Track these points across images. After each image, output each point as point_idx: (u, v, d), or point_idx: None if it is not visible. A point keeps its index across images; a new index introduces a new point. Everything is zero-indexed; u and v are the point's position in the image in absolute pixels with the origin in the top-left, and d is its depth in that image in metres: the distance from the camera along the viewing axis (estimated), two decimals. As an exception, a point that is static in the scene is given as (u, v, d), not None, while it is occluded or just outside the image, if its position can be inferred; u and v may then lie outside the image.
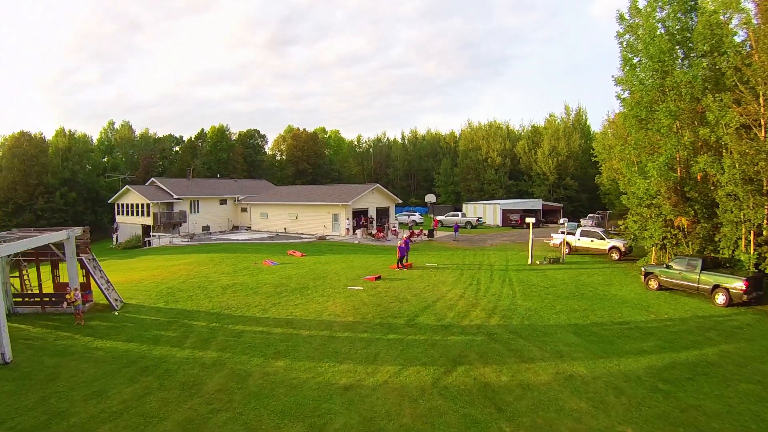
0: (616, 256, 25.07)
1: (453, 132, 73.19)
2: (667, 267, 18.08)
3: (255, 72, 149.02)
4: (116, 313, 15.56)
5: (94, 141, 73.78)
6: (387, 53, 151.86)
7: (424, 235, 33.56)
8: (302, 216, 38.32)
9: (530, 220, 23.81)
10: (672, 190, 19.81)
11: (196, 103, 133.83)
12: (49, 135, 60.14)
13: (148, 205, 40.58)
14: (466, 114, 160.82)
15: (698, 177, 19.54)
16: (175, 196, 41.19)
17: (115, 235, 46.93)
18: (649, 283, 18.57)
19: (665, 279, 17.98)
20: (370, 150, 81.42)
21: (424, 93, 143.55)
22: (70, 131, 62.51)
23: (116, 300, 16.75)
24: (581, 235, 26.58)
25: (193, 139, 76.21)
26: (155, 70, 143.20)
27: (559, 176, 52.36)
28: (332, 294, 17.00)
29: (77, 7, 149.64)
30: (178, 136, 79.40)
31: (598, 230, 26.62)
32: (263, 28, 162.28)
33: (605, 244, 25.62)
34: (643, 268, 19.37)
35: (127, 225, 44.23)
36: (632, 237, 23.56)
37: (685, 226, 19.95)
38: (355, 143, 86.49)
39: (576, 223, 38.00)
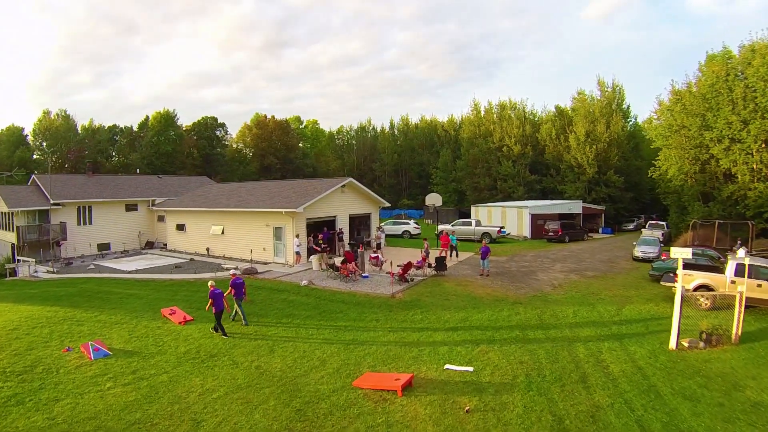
0: (813, 314, 12.30)
1: (452, 117, 59.40)
2: None
3: (249, 74, 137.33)
4: None
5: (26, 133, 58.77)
6: (381, 56, 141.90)
7: (430, 266, 19.11)
8: (231, 229, 24.12)
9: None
10: None
11: (189, 105, 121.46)
12: None
13: (11, 214, 26.89)
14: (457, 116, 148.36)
15: None
16: (51, 201, 27.36)
17: (-8, 255, 33.39)
18: None
19: None
20: (353, 142, 67.79)
21: (416, 95, 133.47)
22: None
23: None
24: (738, 272, 13.50)
25: (135, 129, 61.99)
26: (152, 72, 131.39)
27: (599, 170, 39.20)
28: None
29: (74, 10, 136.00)
30: (122, 126, 64.65)
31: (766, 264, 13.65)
32: (259, 31, 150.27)
33: (791, 292, 12.74)
34: None
35: (1, 242, 30.52)
36: None
37: None
38: (336, 134, 72.66)
39: (658, 245, 24.92)
